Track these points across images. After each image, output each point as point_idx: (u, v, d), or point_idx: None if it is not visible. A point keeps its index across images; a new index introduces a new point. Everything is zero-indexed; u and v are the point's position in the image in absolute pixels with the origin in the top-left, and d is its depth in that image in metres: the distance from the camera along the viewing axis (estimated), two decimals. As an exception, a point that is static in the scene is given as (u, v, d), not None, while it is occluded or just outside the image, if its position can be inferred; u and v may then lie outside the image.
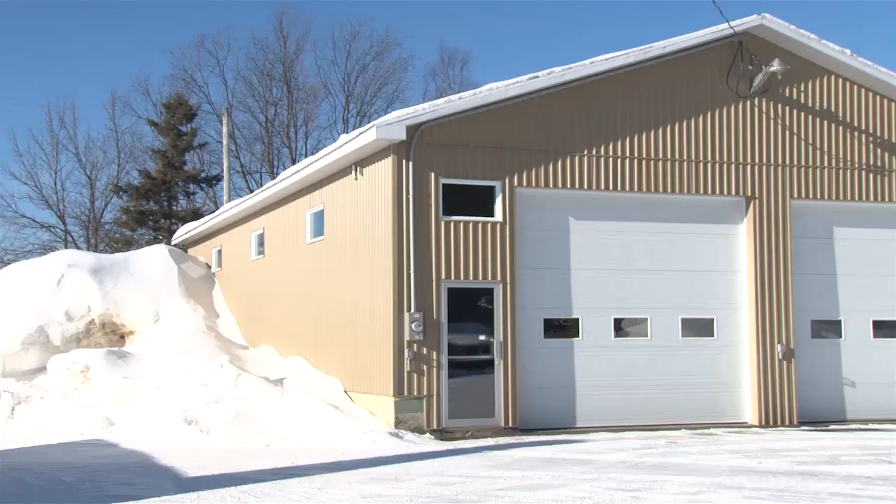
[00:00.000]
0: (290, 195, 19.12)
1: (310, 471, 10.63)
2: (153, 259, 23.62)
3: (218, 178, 41.16)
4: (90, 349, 18.46)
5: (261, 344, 20.44)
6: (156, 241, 36.97)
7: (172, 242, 29.22)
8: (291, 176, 18.23)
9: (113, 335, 20.83)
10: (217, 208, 33.40)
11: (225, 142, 33.13)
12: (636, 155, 15.76)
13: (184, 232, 28.25)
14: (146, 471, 10.83)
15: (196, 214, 38.22)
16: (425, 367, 14.45)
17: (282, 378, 16.24)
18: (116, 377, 16.41)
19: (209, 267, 25.40)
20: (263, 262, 21.16)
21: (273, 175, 42.01)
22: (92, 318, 20.92)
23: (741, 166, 16.29)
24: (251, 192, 31.04)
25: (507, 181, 15.06)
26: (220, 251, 24.91)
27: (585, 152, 15.51)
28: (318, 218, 17.79)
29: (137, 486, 9.64)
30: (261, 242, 21.40)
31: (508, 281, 14.93)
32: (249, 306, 21.97)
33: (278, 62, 46.36)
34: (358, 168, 15.75)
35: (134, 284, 22.09)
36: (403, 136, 14.39)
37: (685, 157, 15.99)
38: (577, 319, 15.57)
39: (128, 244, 38.76)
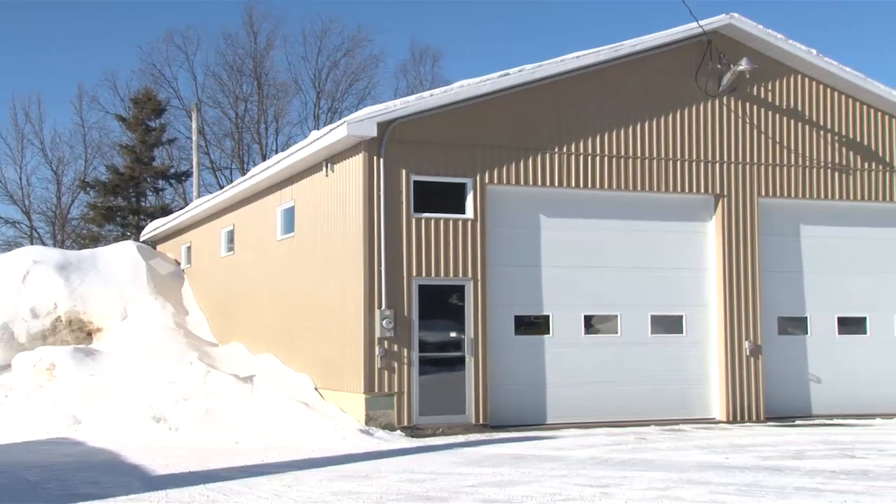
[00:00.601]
0: (260, 191, 19.01)
1: (279, 468, 10.58)
2: (121, 255, 23.38)
3: (187, 174, 40.84)
4: (56, 346, 18.23)
5: (231, 341, 20.31)
6: (124, 237, 36.62)
7: (141, 239, 28.95)
8: (262, 172, 18.12)
9: (80, 332, 20.58)
10: (186, 204, 33.13)
11: (194, 137, 32.87)
12: (607, 153, 15.84)
13: (152, 228, 28.01)
14: (113, 469, 10.71)
15: (165, 211, 37.89)
16: (396, 365, 14.43)
17: (252, 375, 16.14)
18: (83, 375, 16.22)
19: (178, 264, 25.20)
20: (233, 259, 21.03)
21: (243, 171, 41.76)
22: (58, 314, 20.67)
23: (710, 164, 16.44)
24: (221, 188, 30.82)
25: (478, 178, 15.08)
26: (189, 248, 24.71)
27: (556, 150, 15.57)
28: (289, 214, 17.70)
29: (104, 484, 9.53)
30: (231, 239, 21.26)
31: (479, 278, 14.95)
32: (219, 303, 21.82)
33: (248, 58, 46.10)
34: (329, 165, 15.69)
35: (101, 281, 21.85)
36: (374, 133, 14.36)
37: (655, 154, 16.11)
38: (548, 316, 15.62)
39: (95, 240, 38.34)
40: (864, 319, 17.54)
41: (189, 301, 23.22)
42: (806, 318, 17.19)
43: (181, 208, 30.70)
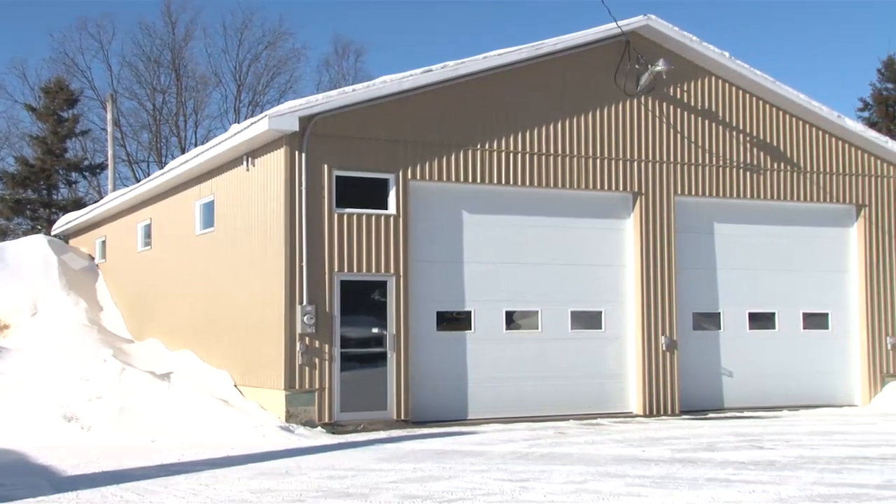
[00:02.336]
0: (178, 185, 18.63)
1: (197, 467, 10.40)
2: (31, 250, 22.62)
3: (102, 167, 39.75)
4: (-39, 344, 17.54)
5: (147, 338, 19.87)
6: (34, 231, 35.45)
7: (52, 233, 28.10)
8: (180, 166, 17.78)
9: (-14, 329, 19.84)
10: (101, 198, 32.27)
11: (109, 129, 32.00)
12: (528, 150, 16.01)
13: (65, 222, 27.19)
14: (20, 470, 10.35)
15: (78, 204, 36.83)
16: (317, 361, 14.33)
17: (169, 372, 15.83)
18: (-10, 373, 15.63)
19: (92, 258, 24.53)
20: (151, 254, 20.56)
21: (161, 164, 40.84)
22: (-37, 311, 19.89)
23: (628, 163, 16.76)
24: (138, 181, 30.11)
25: (400, 174, 15.06)
26: (104, 242, 24.07)
27: (479, 146, 15.66)
28: (209, 209, 17.40)
29: (10, 486, 9.20)
30: (148, 234, 20.79)
31: (402, 274, 14.95)
32: (136, 299, 21.31)
33: (166, 48, 45.09)
34: (250, 159, 15.48)
35: (9, 276, 21.11)
36: (296, 127, 14.22)
37: (575, 152, 16.34)
38: (470, 312, 15.71)
39: (3, 234, 37.01)
40: (773, 315, 18.12)
41: (104, 297, 22.63)
42: (719, 313, 17.68)
43: (96, 201, 29.87)
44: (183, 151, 41.32)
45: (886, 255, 18.64)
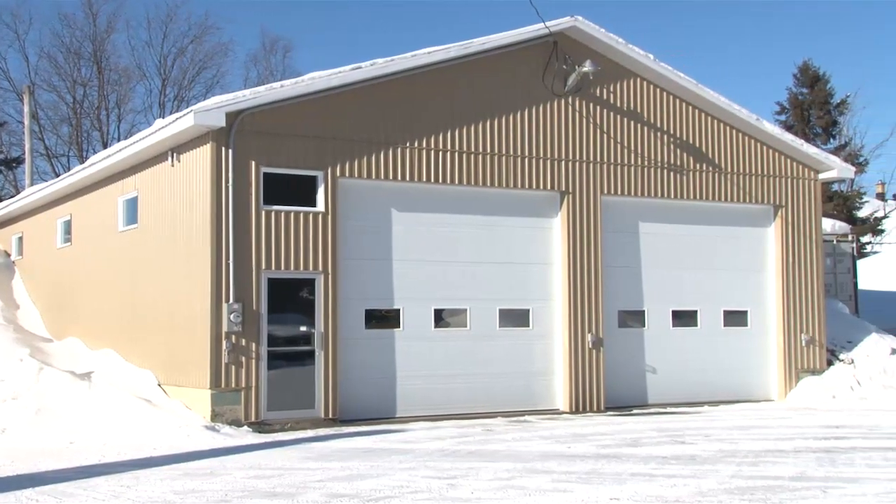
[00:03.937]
0: (101, 180, 18.18)
1: (118, 468, 10.18)
2: (-57, 246, 21.78)
3: (19, 161, 38.44)
4: None
5: (67, 337, 19.33)
6: (-53, 226, 34.09)
7: (-34, 228, 27.06)
8: (102, 160, 17.36)
9: None
10: (18, 192, 31.27)
11: (27, 122, 31.03)
12: (457, 148, 16.07)
13: (-21, 217, 26.26)
14: (-68, 475, 9.98)
15: (-7, 199, 35.57)
16: (244, 359, 14.15)
17: (90, 372, 15.44)
18: None
19: (8, 255, 23.78)
20: (71, 250, 20.02)
21: (82, 159, 39.74)
22: None
23: (556, 162, 16.96)
24: (57, 176, 29.29)
25: (329, 171, 14.97)
26: (21, 238, 23.35)
27: (408, 144, 15.66)
28: (132, 205, 17.02)
29: (-79, 492, 8.88)
30: (68, 230, 20.23)
31: (330, 272, 14.86)
32: (55, 297, 20.72)
33: (87, 40, 43.78)
34: (175, 154, 15.19)
35: (-80, 273, 20.27)
36: (223, 123, 14.01)
37: (504, 151, 16.47)
38: (399, 310, 15.71)
39: (-87, 230, 35.50)
40: (695, 313, 18.56)
41: (20, 294, 21.95)
42: (644, 311, 18.02)
43: (11, 196, 28.92)
44: (105, 146, 40.29)
45: (801, 255, 19.27)
